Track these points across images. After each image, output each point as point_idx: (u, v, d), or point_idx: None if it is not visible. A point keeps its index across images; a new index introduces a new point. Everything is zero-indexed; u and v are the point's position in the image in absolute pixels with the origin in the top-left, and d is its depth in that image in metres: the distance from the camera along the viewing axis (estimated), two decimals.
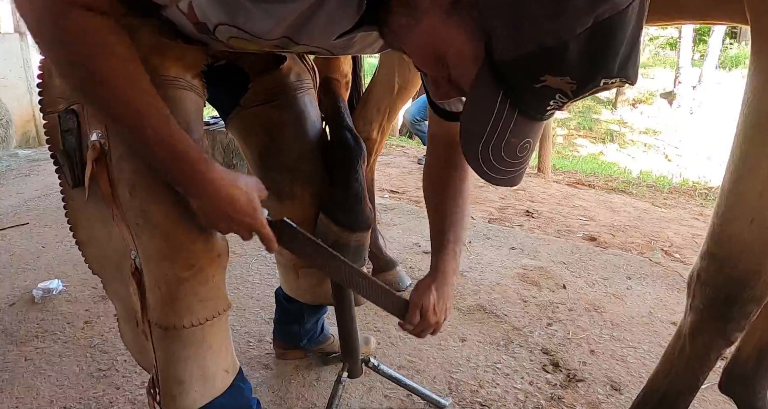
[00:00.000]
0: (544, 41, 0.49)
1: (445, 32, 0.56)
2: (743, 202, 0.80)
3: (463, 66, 0.57)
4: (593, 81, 0.52)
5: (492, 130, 0.57)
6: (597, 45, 0.49)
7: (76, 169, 0.77)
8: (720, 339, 0.89)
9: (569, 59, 0.50)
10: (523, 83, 0.54)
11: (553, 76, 0.51)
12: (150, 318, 0.80)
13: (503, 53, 0.52)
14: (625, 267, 2.32)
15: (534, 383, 1.48)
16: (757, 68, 0.75)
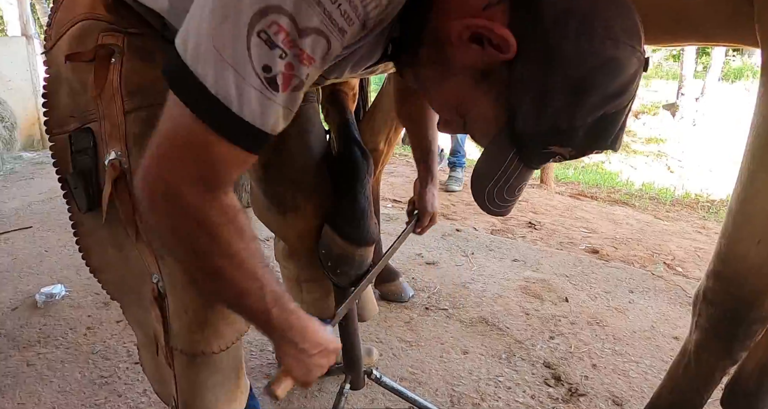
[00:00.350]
0: (560, 125, 0.58)
1: (472, 95, 0.62)
2: (751, 223, 0.80)
3: (481, 123, 0.65)
4: (589, 151, 0.63)
5: (500, 177, 0.66)
6: (599, 130, 0.59)
7: (92, 191, 0.73)
8: (725, 358, 0.90)
9: (575, 138, 0.59)
10: (533, 148, 0.63)
11: (558, 147, 0.61)
12: (174, 345, 0.77)
13: (524, 127, 0.60)
14: (628, 280, 2.32)
15: (536, 397, 1.48)
16: (765, 93, 0.76)
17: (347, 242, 0.99)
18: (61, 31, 0.74)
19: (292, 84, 0.54)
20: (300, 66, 0.53)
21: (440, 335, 1.79)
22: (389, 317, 1.90)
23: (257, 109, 0.53)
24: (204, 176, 0.57)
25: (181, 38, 0.54)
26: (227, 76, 0.51)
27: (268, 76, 0.52)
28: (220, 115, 0.53)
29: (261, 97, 0.53)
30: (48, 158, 3.97)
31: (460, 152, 3.97)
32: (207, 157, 0.56)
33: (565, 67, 0.55)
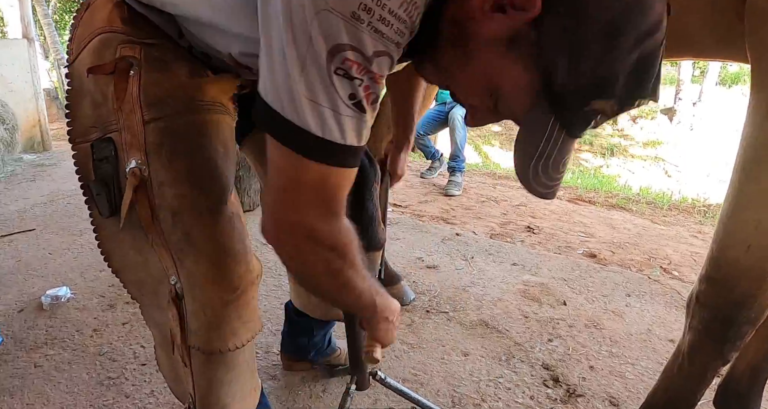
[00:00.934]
0: (600, 74, 0.56)
1: (501, 66, 0.60)
2: (741, 230, 0.84)
3: (518, 94, 0.62)
4: (631, 102, 0.60)
5: (543, 149, 0.63)
6: (639, 73, 0.57)
7: (113, 197, 0.76)
8: (717, 358, 0.94)
9: (617, 87, 0.57)
10: (574, 108, 0.60)
11: (600, 99, 0.59)
12: (191, 344, 0.80)
13: (562, 84, 0.58)
14: (625, 284, 2.36)
15: (535, 397, 1.51)
16: (755, 106, 0.80)
17: None
18: (82, 45, 0.77)
19: (371, 99, 0.60)
20: (375, 85, 0.59)
21: (441, 337, 1.82)
22: None
23: (353, 132, 0.60)
24: (328, 207, 0.65)
25: (271, 94, 0.59)
26: (327, 117, 0.58)
27: (355, 102, 0.58)
28: (330, 150, 0.60)
29: (354, 121, 0.59)
30: (48, 161, 4.01)
31: (459, 157, 4.00)
32: (328, 188, 0.63)
33: (595, 12, 0.54)
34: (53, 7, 12.66)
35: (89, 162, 0.77)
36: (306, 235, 0.65)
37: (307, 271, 0.71)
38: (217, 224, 0.77)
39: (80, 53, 0.77)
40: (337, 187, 0.64)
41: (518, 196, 4.04)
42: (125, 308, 2.01)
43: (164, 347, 0.87)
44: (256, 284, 0.84)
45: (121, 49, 0.74)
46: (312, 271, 0.71)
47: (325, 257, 0.68)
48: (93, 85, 0.75)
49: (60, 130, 8.18)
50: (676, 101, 11.86)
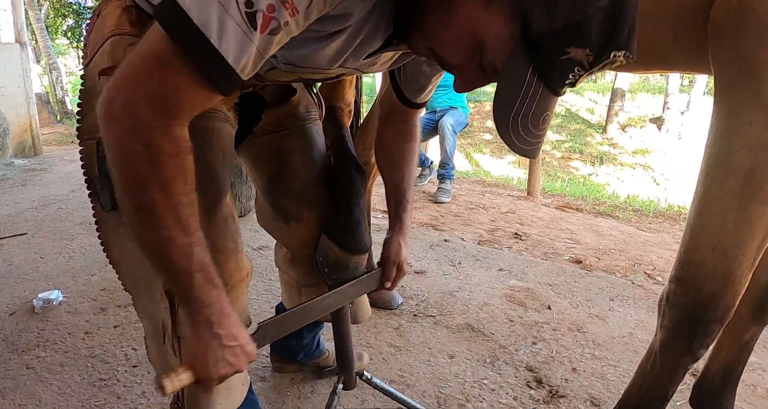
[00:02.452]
0: (573, 16, 0.58)
1: (483, 19, 0.62)
2: (706, 232, 0.89)
3: (500, 46, 0.63)
4: (606, 52, 0.61)
5: (522, 100, 0.64)
6: (612, 18, 0.59)
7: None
8: (687, 355, 0.99)
9: (591, 32, 0.59)
10: (552, 56, 0.61)
11: (576, 48, 0.60)
12: (180, 334, 0.84)
13: (539, 29, 0.59)
14: (609, 289, 2.41)
15: (518, 398, 1.55)
16: (717, 117, 0.85)
17: (343, 250, 1.07)
18: (95, 49, 0.82)
19: (270, 26, 0.56)
20: (282, 9, 0.56)
21: (428, 340, 1.86)
22: (379, 323, 1.96)
23: (233, 44, 0.56)
24: (165, 99, 0.59)
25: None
26: (211, 7, 0.54)
27: (249, 11, 0.55)
28: (197, 42, 0.55)
29: (239, 33, 0.56)
30: (39, 166, 4.01)
31: (449, 164, 4.05)
32: (174, 81, 0.58)
33: None
34: (45, 11, 12.64)
35: (94, 158, 0.80)
36: (126, 109, 0.59)
37: (112, 159, 0.62)
38: (212, 223, 0.81)
39: (94, 56, 0.82)
40: (186, 90, 0.59)
41: (507, 204, 4.10)
42: (117, 311, 2.03)
43: (155, 337, 0.91)
44: (245, 281, 0.88)
45: (130, 50, 0.78)
46: (116, 160, 0.61)
47: (133, 149, 0.60)
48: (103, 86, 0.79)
49: (51, 135, 8.16)
50: (664, 110, 12.04)
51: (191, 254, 0.65)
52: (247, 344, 0.74)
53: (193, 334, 0.70)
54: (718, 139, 0.85)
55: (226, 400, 0.91)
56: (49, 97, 10.62)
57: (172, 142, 0.61)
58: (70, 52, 19.99)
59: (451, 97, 4.18)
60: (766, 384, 1.70)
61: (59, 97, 10.69)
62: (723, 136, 0.84)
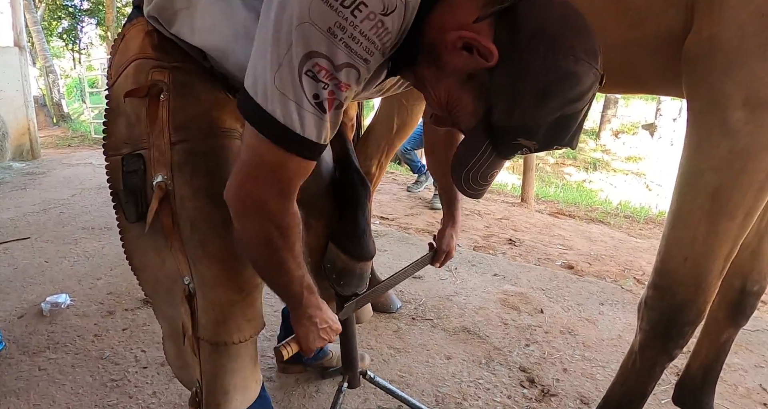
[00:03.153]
0: (526, 122, 0.71)
1: (458, 93, 0.74)
2: (679, 244, 0.98)
3: (464, 117, 0.77)
4: (550, 146, 0.75)
5: (475, 163, 0.78)
6: (558, 128, 0.72)
7: (140, 205, 0.87)
8: (663, 355, 1.08)
9: (539, 133, 0.72)
10: (504, 139, 0.74)
11: (524, 139, 0.73)
12: (200, 336, 0.91)
13: (498, 121, 0.72)
14: (599, 294, 2.50)
15: (512, 397, 1.63)
16: (688, 140, 0.94)
17: (349, 257, 1.15)
18: (120, 71, 0.88)
19: (334, 105, 0.71)
20: (339, 92, 0.70)
21: (426, 342, 1.94)
22: (379, 326, 2.05)
23: (314, 128, 0.71)
24: (282, 188, 0.76)
25: (250, 84, 0.71)
26: (290, 108, 0.69)
27: (317, 102, 0.69)
28: (290, 138, 0.71)
29: (315, 119, 0.70)
30: (38, 169, 4.05)
31: None
32: (283, 171, 0.74)
33: (534, 76, 0.67)
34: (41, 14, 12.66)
35: (119, 173, 0.87)
36: (258, 205, 0.76)
37: (251, 239, 0.80)
38: (229, 235, 0.87)
39: (118, 78, 0.89)
40: (293, 173, 0.75)
41: (501, 210, 4.19)
42: (124, 314, 2.10)
43: (173, 338, 0.98)
44: (259, 287, 0.96)
45: (153, 74, 0.86)
46: (255, 240, 0.79)
47: (268, 231, 0.78)
48: (129, 107, 0.87)
49: (47, 138, 8.18)
50: (657, 117, 12.20)
51: (303, 281, 0.87)
52: (334, 323, 0.96)
53: (297, 324, 0.92)
54: (688, 161, 0.94)
55: (242, 396, 0.97)
56: (46, 100, 10.64)
57: (293, 216, 0.80)
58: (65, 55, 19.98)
59: None
60: (747, 384, 1.80)
61: (56, 100, 10.70)
62: (693, 157, 0.93)
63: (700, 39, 0.89)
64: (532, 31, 0.67)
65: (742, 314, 1.30)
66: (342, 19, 0.65)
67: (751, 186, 0.89)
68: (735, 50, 0.84)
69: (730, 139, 0.87)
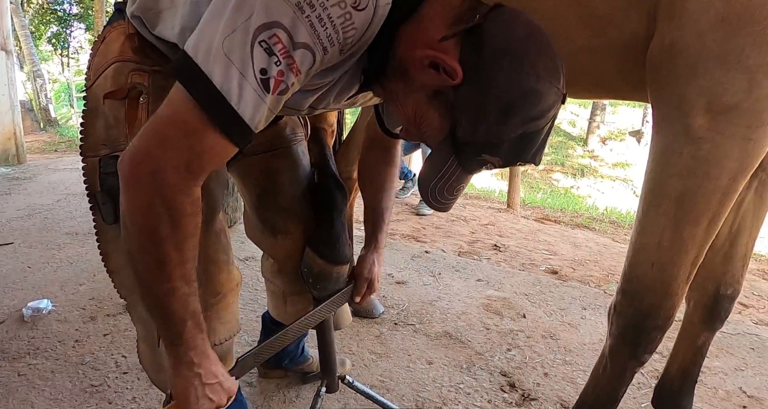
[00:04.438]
0: (489, 138, 0.73)
1: (425, 108, 0.76)
2: (645, 250, 1.00)
3: (431, 132, 0.78)
4: (513, 162, 0.77)
5: (441, 176, 0.79)
6: (521, 145, 0.74)
7: (118, 207, 0.83)
8: (632, 360, 1.09)
9: (502, 149, 0.74)
10: (469, 155, 0.76)
11: (489, 155, 0.75)
12: None
13: (463, 137, 0.74)
14: (582, 298, 2.52)
15: (492, 401, 1.65)
16: (653, 146, 0.97)
17: (325, 262, 1.16)
18: (99, 72, 0.89)
19: (279, 88, 0.66)
20: (289, 74, 0.66)
21: (407, 347, 1.95)
22: (361, 331, 2.05)
23: (250, 106, 0.65)
24: (190, 161, 0.66)
25: (192, 43, 0.65)
26: (232, 74, 0.63)
27: (263, 78, 0.64)
28: (220, 107, 0.64)
29: (255, 97, 0.64)
30: (23, 174, 4.01)
31: None
32: (198, 143, 0.66)
33: (497, 93, 0.69)
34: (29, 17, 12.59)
35: (97, 174, 0.87)
36: (151, 169, 0.65)
37: (134, 218, 0.68)
38: (206, 238, 0.88)
39: (97, 79, 0.89)
40: (208, 150, 0.67)
41: (487, 216, 4.22)
42: (106, 320, 2.09)
43: (147, 341, 0.97)
44: (235, 291, 0.96)
45: (132, 76, 0.86)
46: (138, 219, 0.68)
47: (155, 211, 0.66)
48: (108, 108, 0.87)
49: (34, 143, 8.10)
50: (643, 124, 12.33)
51: (188, 303, 0.74)
52: (226, 381, 0.82)
53: (175, 374, 0.78)
54: (653, 167, 0.96)
55: None
56: (33, 105, 10.56)
57: (192, 202, 0.69)
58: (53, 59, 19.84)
59: None
60: (727, 387, 1.82)
61: (43, 104, 10.62)
62: (658, 164, 0.95)
63: (662, 45, 0.91)
64: (496, 49, 0.69)
65: (717, 318, 1.32)
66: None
67: (715, 192, 0.91)
68: (696, 56, 0.86)
69: (693, 146, 0.89)
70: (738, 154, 0.88)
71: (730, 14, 0.82)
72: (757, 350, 2.08)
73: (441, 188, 0.81)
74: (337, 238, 1.16)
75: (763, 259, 3.76)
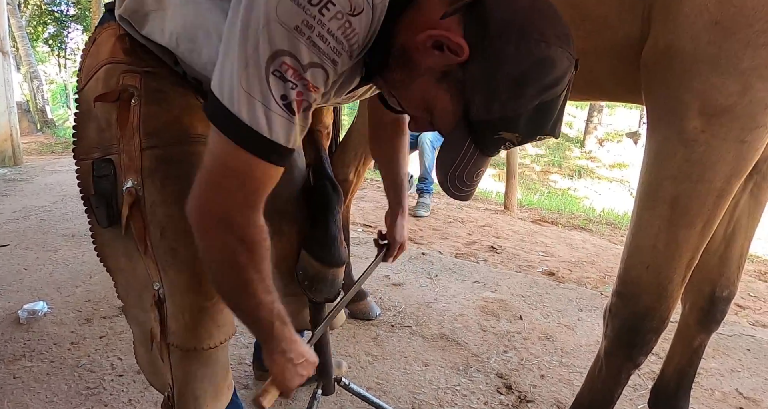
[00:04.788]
0: (505, 113, 0.70)
1: (434, 92, 0.73)
2: (640, 253, 1.01)
3: (443, 117, 0.75)
4: (533, 136, 0.74)
5: (460, 162, 0.77)
6: (538, 117, 0.71)
7: (111, 210, 0.87)
8: (628, 362, 1.10)
9: (520, 124, 0.71)
10: (486, 135, 0.74)
11: (507, 132, 0.73)
12: (170, 341, 0.91)
13: (477, 116, 0.72)
14: (578, 300, 2.52)
15: (489, 403, 1.65)
16: (648, 149, 0.97)
17: (321, 264, 1.16)
18: (90, 75, 0.89)
19: (302, 106, 0.69)
20: (308, 92, 0.69)
21: (404, 349, 1.95)
22: (357, 333, 2.05)
23: (282, 131, 0.69)
24: (247, 197, 0.72)
25: (216, 84, 0.69)
26: (257, 109, 0.67)
27: (285, 103, 0.67)
28: (256, 141, 0.68)
29: (283, 121, 0.68)
30: (20, 176, 4.00)
31: (428, 179, 4.16)
32: (248, 178, 0.71)
33: (508, 66, 0.67)
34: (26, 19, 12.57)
35: (90, 178, 0.87)
36: (219, 217, 0.71)
37: (214, 257, 0.75)
38: None
39: (88, 82, 0.89)
40: (259, 180, 0.72)
41: (484, 217, 4.22)
42: (102, 322, 2.08)
43: (143, 343, 0.98)
44: None
45: (124, 78, 0.86)
46: (218, 257, 0.75)
47: (232, 246, 0.73)
48: (99, 111, 0.87)
49: (30, 145, 8.08)
50: (640, 125, 12.37)
51: (273, 309, 0.80)
52: (311, 356, 0.90)
53: (271, 361, 0.85)
54: (648, 170, 0.97)
55: (213, 402, 0.98)
56: (30, 106, 10.53)
57: (259, 231, 0.75)
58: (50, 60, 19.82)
59: None
60: (724, 388, 1.82)
61: (40, 106, 10.60)
62: (652, 166, 0.96)
63: (656, 48, 0.91)
64: (501, 21, 0.67)
65: (712, 320, 1.32)
66: (309, 17, 0.64)
67: (710, 195, 0.91)
68: (690, 59, 0.86)
69: (687, 148, 0.89)
70: (732, 156, 0.88)
71: (723, 17, 0.83)
72: (754, 352, 2.09)
73: (460, 175, 0.78)
74: (333, 240, 1.16)
75: (759, 260, 3.77)
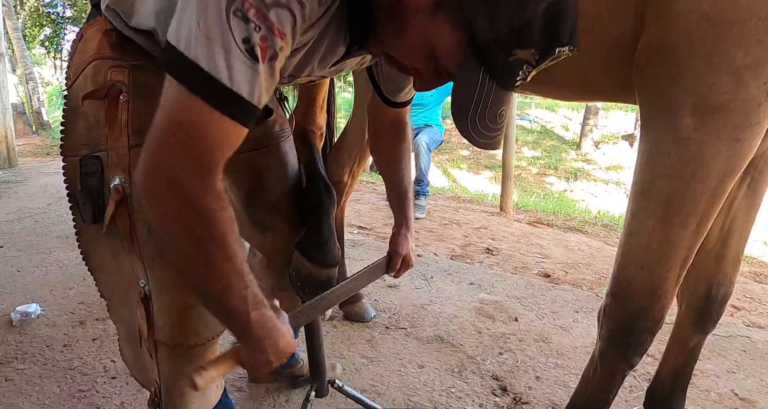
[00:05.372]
0: (513, 24, 0.63)
1: (433, 28, 0.67)
2: (634, 252, 1.00)
3: (451, 53, 0.68)
4: (551, 50, 0.66)
5: (477, 100, 0.68)
6: (552, 20, 0.64)
7: (97, 207, 0.86)
8: (622, 363, 1.09)
9: (534, 34, 0.64)
10: (500, 59, 0.66)
11: (521, 49, 0.65)
12: (157, 338, 0.90)
13: (484, 37, 0.64)
14: (574, 302, 2.52)
15: (484, 405, 1.64)
16: (641, 148, 0.97)
17: (313, 265, 1.15)
18: (78, 72, 0.88)
19: (267, 54, 0.62)
20: (273, 37, 0.62)
21: (399, 351, 1.94)
22: (352, 335, 2.04)
23: (244, 80, 0.61)
24: (201, 158, 0.63)
25: (173, 32, 0.63)
26: (217, 53, 0.60)
27: (248, 47, 0.60)
28: (214, 88, 0.61)
29: (246, 69, 0.61)
30: (15, 178, 3.98)
31: (423, 181, 4.16)
32: (204, 136, 0.62)
33: None
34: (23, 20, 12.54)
35: (77, 174, 0.86)
36: (169, 180, 0.62)
37: (166, 228, 0.66)
38: None
39: (77, 79, 0.88)
40: (216, 137, 0.63)
41: (480, 219, 4.21)
42: (95, 324, 2.07)
43: (129, 340, 0.97)
44: None
45: (112, 74, 0.85)
46: (171, 229, 0.65)
47: (185, 215, 0.64)
48: (88, 108, 0.86)
49: (26, 146, 8.05)
50: (636, 127, 12.39)
51: (246, 296, 0.71)
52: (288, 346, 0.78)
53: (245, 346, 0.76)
54: (641, 168, 0.96)
55: (200, 400, 0.97)
56: (25, 108, 10.49)
57: (217, 197, 0.66)
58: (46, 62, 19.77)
59: (426, 116, 4.31)
60: (719, 389, 1.82)
61: (35, 107, 10.55)
62: (645, 165, 0.95)
63: (650, 45, 0.91)
64: None
65: (708, 320, 1.32)
66: None
67: (703, 193, 0.91)
68: (684, 57, 0.86)
69: (681, 147, 0.89)
70: (726, 154, 0.87)
71: (716, 15, 0.82)
72: (749, 353, 2.08)
73: (481, 116, 0.69)
74: (326, 241, 1.16)
75: (755, 261, 3.77)
